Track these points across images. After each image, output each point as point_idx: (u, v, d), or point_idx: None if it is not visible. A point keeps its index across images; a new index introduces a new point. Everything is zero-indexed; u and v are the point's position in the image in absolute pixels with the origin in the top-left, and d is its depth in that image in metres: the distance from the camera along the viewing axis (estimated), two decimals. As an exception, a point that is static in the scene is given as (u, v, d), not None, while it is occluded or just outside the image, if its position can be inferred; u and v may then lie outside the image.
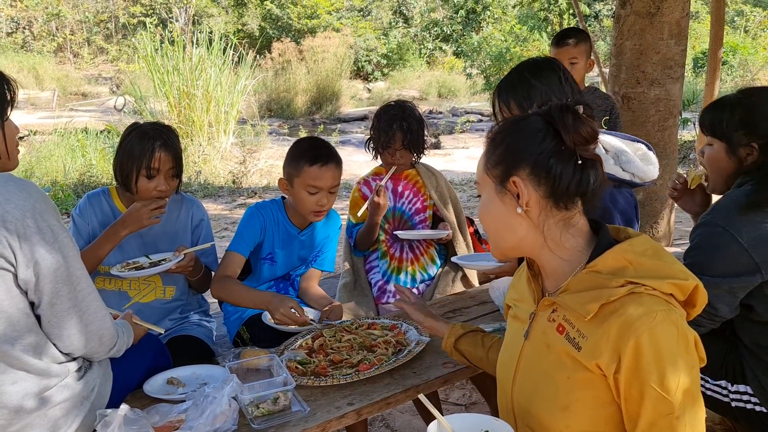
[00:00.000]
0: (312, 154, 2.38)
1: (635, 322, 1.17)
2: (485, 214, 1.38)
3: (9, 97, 1.58)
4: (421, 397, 1.34)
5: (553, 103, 1.34)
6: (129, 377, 1.85)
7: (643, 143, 2.22)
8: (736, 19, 23.97)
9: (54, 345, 1.56)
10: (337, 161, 2.41)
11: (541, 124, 1.32)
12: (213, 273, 2.49)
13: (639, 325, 1.17)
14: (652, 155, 2.19)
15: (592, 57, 3.53)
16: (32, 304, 1.51)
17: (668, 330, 1.18)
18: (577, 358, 1.25)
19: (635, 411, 1.20)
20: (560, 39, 3.46)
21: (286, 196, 2.53)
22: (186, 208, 2.47)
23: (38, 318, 1.54)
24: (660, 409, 1.17)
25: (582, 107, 1.34)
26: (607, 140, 2.10)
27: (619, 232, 1.36)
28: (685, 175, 2.38)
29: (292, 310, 2.15)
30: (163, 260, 2.28)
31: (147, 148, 2.23)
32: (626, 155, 2.08)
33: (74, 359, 1.62)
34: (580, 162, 1.28)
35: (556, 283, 1.36)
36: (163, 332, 2.14)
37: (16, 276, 1.45)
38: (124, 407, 1.45)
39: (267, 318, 2.32)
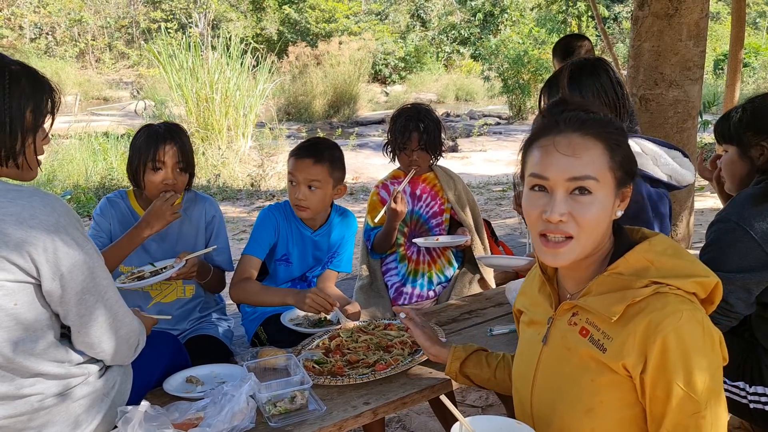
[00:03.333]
0: (299, 147, 2.47)
1: (662, 321, 1.18)
2: (597, 214, 1.26)
3: (49, 108, 1.57)
4: (443, 398, 1.33)
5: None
6: (148, 376, 1.87)
7: (679, 150, 2.23)
8: (758, 20, 23.67)
9: (83, 351, 1.59)
10: (316, 156, 2.40)
11: None
12: (225, 272, 2.52)
13: (665, 324, 1.18)
14: (688, 161, 2.21)
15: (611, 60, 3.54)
16: (57, 315, 1.52)
17: (694, 329, 1.18)
18: (602, 360, 1.25)
19: (660, 411, 1.20)
20: (566, 54, 3.48)
21: None
22: (200, 206, 2.50)
23: (68, 329, 1.56)
24: (686, 409, 1.17)
25: None
26: (645, 143, 2.12)
27: (634, 233, 1.36)
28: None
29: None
30: (164, 268, 2.28)
31: (152, 141, 2.29)
32: (664, 158, 2.10)
33: (97, 361, 1.64)
34: None
35: (578, 285, 1.35)
36: (170, 318, 2.20)
37: (40, 287, 1.46)
38: (144, 404, 1.47)
39: (286, 319, 2.34)
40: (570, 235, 1.25)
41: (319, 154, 2.42)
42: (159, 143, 2.28)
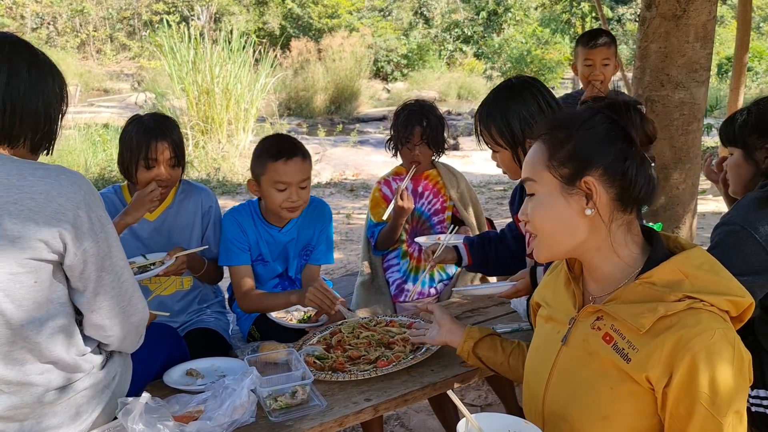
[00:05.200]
0: (275, 150, 2.34)
1: (693, 339, 1.15)
2: (542, 214, 1.29)
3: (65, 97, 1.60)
4: (450, 393, 1.31)
5: (617, 100, 1.37)
6: (147, 368, 1.87)
7: None
8: (761, 25, 23.67)
9: (90, 336, 1.58)
10: (302, 154, 2.35)
11: (609, 123, 1.28)
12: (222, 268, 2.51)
13: (696, 342, 1.14)
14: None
15: (617, 59, 3.50)
16: (69, 303, 1.52)
17: (725, 350, 1.15)
18: (624, 369, 1.22)
19: (680, 428, 1.17)
20: (592, 39, 3.40)
21: (259, 197, 2.47)
22: (195, 197, 2.48)
23: (79, 312, 1.55)
24: (707, 429, 1.15)
25: (642, 105, 1.37)
26: None
27: (668, 240, 1.33)
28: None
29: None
30: (152, 264, 2.25)
31: (144, 138, 2.27)
32: None
33: (100, 353, 1.63)
34: (653, 165, 1.29)
35: (604, 288, 1.32)
36: (168, 315, 2.17)
37: (61, 264, 1.46)
38: (145, 395, 1.46)
39: (272, 314, 2.34)
40: (533, 234, 1.33)
41: (301, 150, 2.36)
42: (151, 140, 2.26)
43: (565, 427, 1.30)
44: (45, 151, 1.59)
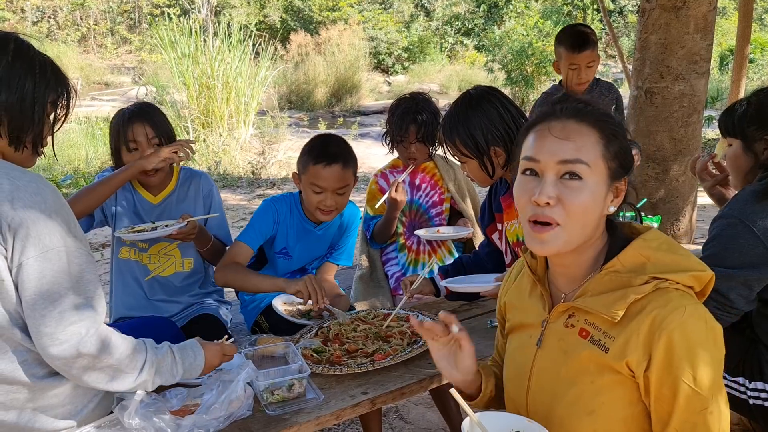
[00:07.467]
0: (318, 152, 2.33)
1: (666, 318, 1.16)
2: (585, 201, 1.22)
3: (65, 103, 1.61)
4: (453, 392, 1.29)
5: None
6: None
7: None
8: (764, 16, 23.55)
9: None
10: (344, 161, 2.33)
11: None
12: (227, 248, 2.52)
13: (669, 321, 1.16)
14: None
15: (618, 49, 3.50)
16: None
17: (697, 324, 1.17)
18: (603, 360, 1.22)
19: (667, 410, 1.18)
20: (577, 45, 3.27)
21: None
22: (195, 181, 2.54)
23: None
24: (693, 406, 1.16)
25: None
26: None
27: (623, 227, 1.34)
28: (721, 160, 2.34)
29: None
30: (165, 226, 2.33)
31: (123, 123, 2.39)
32: None
33: None
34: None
35: (572, 284, 1.33)
36: (235, 349, 1.83)
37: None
38: (140, 393, 1.46)
39: (281, 310, 2.32)
40: (557, 222, 1.22)
41: (345, 157, 2.34)
42: (128, 123, 2.37)
43: (553, 428, 1.29)
44: (29, 150, 1.57)
